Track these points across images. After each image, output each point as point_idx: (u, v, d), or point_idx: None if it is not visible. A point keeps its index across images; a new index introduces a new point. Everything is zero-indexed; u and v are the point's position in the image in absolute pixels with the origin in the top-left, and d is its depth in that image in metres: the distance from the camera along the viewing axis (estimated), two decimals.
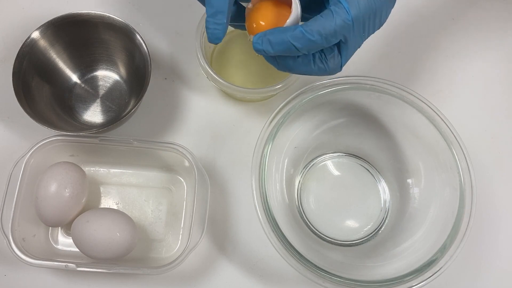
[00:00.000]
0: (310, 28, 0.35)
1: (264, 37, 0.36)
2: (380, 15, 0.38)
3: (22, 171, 0.47)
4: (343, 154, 0.55)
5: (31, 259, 0.45)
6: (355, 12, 0.35)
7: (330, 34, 0.35)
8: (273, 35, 0.36)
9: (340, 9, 0.35)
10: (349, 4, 0.35)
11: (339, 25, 0.35)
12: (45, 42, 0.52)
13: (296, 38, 0.35)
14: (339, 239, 0.51)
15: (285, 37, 0.35)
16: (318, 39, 0.35)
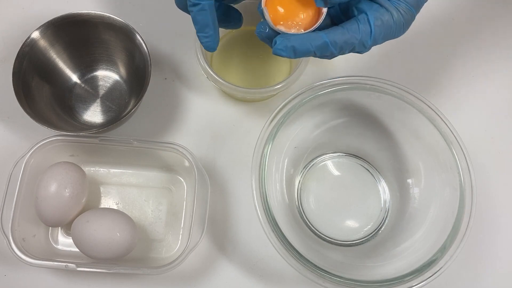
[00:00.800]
0: (335, 40, 0.36)
1: (289, 44, 0.36)
2: (400, 30, 0.39)
3: (22, 171, 0.47)
4: (343, 154, 0.55)
5: (31, 259, 0.45)
6: (377, 36, 0.37)
7: (349, 49, 0.37)
8: (298, 43, 0.36)
9: (366, 28, 0.36)
10: (375, 26, 0.36)
11: (359, 44, 0.37)
12: (45, 42, 0.52)
13: (320, 49, 0.36)
14: (339, 239, 0.51)
15: (310, 47, 0.36)
16: (338, 51, 0.36)
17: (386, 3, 0.37)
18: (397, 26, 0.37)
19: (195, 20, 0.41)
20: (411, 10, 0.38)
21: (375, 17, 0.36)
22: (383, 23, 0.36)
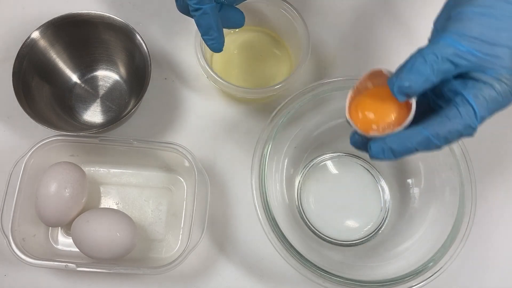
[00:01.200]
0: (436, 132, 0.31)
1: (386, 146, 0.33)
2: (509, 98, 0.32)
3: (22, 171, 0.47)
4: (343, 154, 0.55)
5: (31, 259, 0.45)
6: (483, 114, 0.31)
7: (456, 137, 0.32)
8: (395, 143, 0.32)
9: (468, 110, 0.31)
10: (477, 104, 0.31)
11: (465, 128, 0.31)
12: (45, 42, 0.52)
13: (422, 144, 0.32)
14: (339, 239, 0.51)
15: (411, 145, 0.32)
16: (444, 144, 0.32)
17: (483, 76, 0.31)
18: (504, 97, 0.31)
19: (199, 24, 0.41)
20: None
21: (473, 95, 0.31)
22: (485, 99, 0.31)
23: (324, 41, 0.59)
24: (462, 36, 0.31)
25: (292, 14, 0.54)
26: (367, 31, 0.61)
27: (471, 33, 0.31)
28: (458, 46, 0.31)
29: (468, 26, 0.31)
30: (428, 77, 0.31)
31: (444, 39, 0.31)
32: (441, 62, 0.31)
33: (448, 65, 0.31)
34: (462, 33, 0.31)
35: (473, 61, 0.31)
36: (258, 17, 0.57)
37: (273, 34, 0.58)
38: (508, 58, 0.30)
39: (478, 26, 0.31)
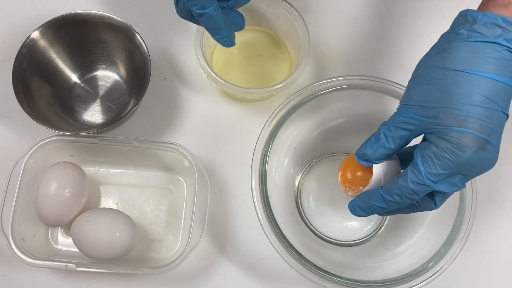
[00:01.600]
0: (388, 190, 0.35)
1: (355, 204, 0.38)
2: (470, 169, 0.34)
3: (22, 171, 0.47)
4: (343, 154, 0.55)
5: (31, 259, 0.45)
6: (431, 170, 0.33)
7: (408, 193, 0.34)
8: (360, 202, 0.38)
9: (414, 167, 0.34)
10: (422, 161, 0.33)
11: (414, 185, 0.34)
12: (45, 42, 0.52)
13: (379, 201, 0.36)
14: (339, 239, 0.51)
15: (370, 203, 0.37)
16: (398, 199, 0.35)
17: (429, 136, 0.34)
18: (450, 153, 0.32)
19: (207, 27, 0.42)
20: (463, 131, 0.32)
21: (420, 154, 0.33)
22: (430, 157, 0.33)
23: (324, 41, 0.59)
24: (406, 105, 0.35)
25: (292, 14, 0.54)
26: (367, 31, 0.61)
27: (411, 101, 0.34)
28: (403, 114, 0.35)
29: (409, 96, 0.35)
30: (383, 144, 0.36)
31: (396, 110, 0.36)
32: (394, 130, 0.35)
33: (402, 132, 0.35)
34: (405, 102, 0.35)
35: (418, 124, 0.34)
36: (258, 17, 0.57)
37: (273, 34, 0.58)
38: (445, 116, 0.32)
39: (415, 93, 0.35)
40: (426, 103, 0.34)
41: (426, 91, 0.34)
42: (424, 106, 0.34)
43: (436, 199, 0.36)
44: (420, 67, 0.36)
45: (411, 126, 0.34)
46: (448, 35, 0.35)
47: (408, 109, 0.35)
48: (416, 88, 0.35)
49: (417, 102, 0.34)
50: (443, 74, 0.33)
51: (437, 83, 0.33)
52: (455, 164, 0.32)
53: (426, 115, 0.33)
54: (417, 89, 0.35)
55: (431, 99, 0.33)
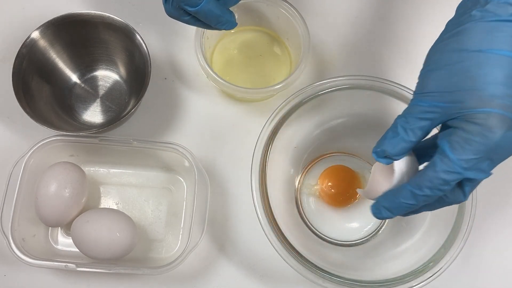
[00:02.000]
0: (417, 184, 0.33)
1: (379, 205, 0.36)
2: (499, 152, 0.32)
3: (22, 171, 0.47)
4: (343, 154, 0.55)
5: (31, 259, 0.45)
6: (461, 156, 0.31)
7: (440, 184, 0.32)
8: (386, 201, 0.35)
9: (442, 155, 0.32)
10: (450, 148, 0.32)
11: (446, 174, 0.32)
12: (45, 42, 0.52)
13: (409, 198, 0.34)
14: (339, 239, 0.51)
15: (398, 201, 0.34)
16: (429, 192, 0.33)
17: (454, 122, 0.32)
18: (481, 136, 0.31)
19: (206, 20, 0.42)
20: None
21: (447, 141, 0.32)
22: (459, 142, 0.31)
23: (324, 41, 0.59)
24: (423, 94, 0.33)
25: (292, 14, 0.54)
26: (367, 31, 0.61)
27: (429, 89, 0.33)
28: (422, 103, 0.33)
29: (425, 84, 0.34)
30: (403, 137, 0.34)
31: (411, 101, 0.35)
32: (413, 121, 0.34)
33: (422, 122, 0.33)
34: (421, 91, 0.34)
35: (440, 112, 0.33)
36: (258, 17, 0.57)
37: (273, 34, 0.58)
38: (469, 99, 0.31)
39: (432, 81, 0.33)
40: (446, 88, 0.32)
41: (444, 76, 0.33)
42: (445, 92, 0.32)
43: (466, 189, 0.34)
44: (433, 53, 0.34)
45: (432, 114, 0.33)
46: (457, 19, 0.34)
47: (426, 97, 0.33)
48: (432, 75, 0.33)
49: (437, 88, 0.33)
50: (460, 56, 0.32)
51: (455, 66, 0.32)
52: (486, 147, 0.31)
53: (449, 100, 0.32)
54: (434, 76, 0.33)
55: (452, 83, 0.32)
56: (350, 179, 0.52)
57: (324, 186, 0.51)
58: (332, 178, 0.52)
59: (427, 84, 0.33)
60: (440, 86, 0.33)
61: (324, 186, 0.52)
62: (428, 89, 0.33)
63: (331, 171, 0.53)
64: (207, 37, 0.54)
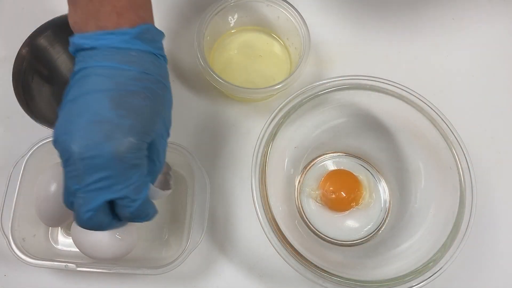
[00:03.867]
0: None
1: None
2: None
3: (22, 171, 0.47)
4: (343, 154, 0.55)
5: (31, 259, 0.45)
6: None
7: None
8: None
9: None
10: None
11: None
12: (45, 42, 0.52)
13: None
14: (339, 239, 0.51)
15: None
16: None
17: None
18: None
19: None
20: None
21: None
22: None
23: (324, 41, 0.59)
24: None
25: (292, 14, 0.54)
26: (367, 31, 0.61)
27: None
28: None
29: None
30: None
31: None
32: None
33: None
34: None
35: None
36: (258, 17, 0.57)
37: (273, 34, 0.58)
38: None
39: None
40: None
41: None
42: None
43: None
44: None
45: None
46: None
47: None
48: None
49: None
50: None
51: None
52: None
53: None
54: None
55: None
56: (351, 183, 0.52)
57: (325, 191, 0.51)
58: (333, 183, 0.52)
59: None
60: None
61: (325, 191, 0.51)
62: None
63: (332, 176, 0.53)
64: (207, 37, 0.54)
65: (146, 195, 0.38)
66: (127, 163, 0.35)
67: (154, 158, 0.38)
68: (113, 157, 0.34)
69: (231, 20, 0.57)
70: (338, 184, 0.52)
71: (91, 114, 0.35)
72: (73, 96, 0.36)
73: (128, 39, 0.37)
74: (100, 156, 0.34)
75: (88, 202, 0.36)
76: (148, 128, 0.36)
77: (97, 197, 0.35)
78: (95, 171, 0.35)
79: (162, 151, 0.39)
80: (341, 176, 0.53)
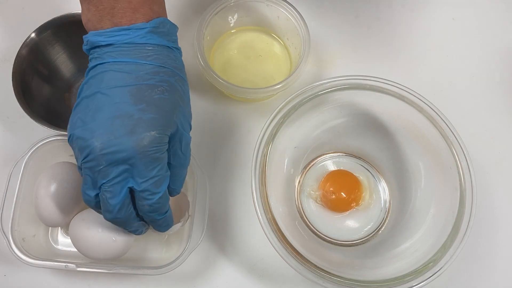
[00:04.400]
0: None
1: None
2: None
3: (22, 171, 0.47)
4: (343, 154, 0.55)
5: (31, 259, 0.45)
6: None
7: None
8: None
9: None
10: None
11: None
12: (45, 42, 0.52)
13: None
14: (339, 239, 0.51)
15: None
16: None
17: None
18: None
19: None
20: None
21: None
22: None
23: (324, 41, 0.59)
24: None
25: (292, 14, 0.54)
26: (367, 31, 0.61)
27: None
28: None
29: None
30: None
31: None
32: None
33: None
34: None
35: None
36: (258, 17, 0.57)
37: (273, 34, 0.58)
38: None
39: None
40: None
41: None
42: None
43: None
44: None
45: None
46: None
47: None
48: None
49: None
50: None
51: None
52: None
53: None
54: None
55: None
56: (351, 184, 0.52)
57: (325, 192, 0.51)
58: (333, 184, 0.52)
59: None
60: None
61: (325, 192, 0.51)
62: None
63: (332, 176, 0.53)
64: (207, 37, 0.54)
65: (165, 188, 0.38)
66: (149, 157, 0.36)
67: (178, 151, 0.39)
68: (136, 151, 0.35)
69: (231, 20, 0.57)
70: (338, 185, 0.52)
71: (112, 109, 0.35)
72: (90, 92, 0.37)
73: (144, 34, 0.38)
74: (123, 151, 0.35)
75: (115, 194, 0.36)
76: (169, 121, 0.37)
77: (123, 189, 0.36)
78: (118, 165, 0.35)
79: (185, 143, 0.39)
80: (341, 177, 0.53)
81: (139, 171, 0.36)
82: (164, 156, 0.37)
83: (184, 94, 0.40)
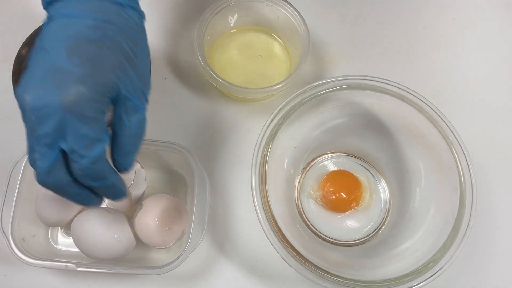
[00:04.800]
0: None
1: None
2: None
3: (22, 171, 0.47)
4: (343, 154, 0.55)
5: (31, 259, 0.45)
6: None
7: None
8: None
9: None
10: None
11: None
12: None
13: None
14: (339, 239, 0.51)
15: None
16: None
17: None
18: None
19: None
20: None
21: None
22: None
23: (324, 41, 0.59)
24: None
25: (292, 14, 0.54)
26: (367, 31, 0.61)
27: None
28: None
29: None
30: None
31: None
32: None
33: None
34: None
35: None
36: (258, 17, 0.57)
37: (273, 34, 0.58)
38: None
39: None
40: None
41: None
42: None
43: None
44: None
45: None
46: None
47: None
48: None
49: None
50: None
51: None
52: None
53: None
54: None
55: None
56: (351, 184, 0.52)
57: (326, 192, 0.51)
58: (333, 184, 0.52)
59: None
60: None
61: (325, 192, 0.51)
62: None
63: (332, 177, 0.53)
64: (207, 36, 0.54)
65: (100, 153, 0.34)
66: (78, 115, 0.32)
67: (123, 118, 0.36)
68: (62, 107, 0.32)
69: (231, 20, 0.57)
70: (338, 185, 0.52)
71: (46, 65, 0.33)
72: (35, 50, 0.35)
73: None
74: (48, 106, 0.32)
75: (44, 155, 0.33)
76: (107, 79, 0.34)
77: (52, 150, 0.33)
78: (44, 121, 0.32)
79: (132, 110, 0.36)
80: (341, 177, 0.53)
81: (68, 130, 0.33)
82: (99, 117, 0.34)
83: (135, 57, 0.36)
